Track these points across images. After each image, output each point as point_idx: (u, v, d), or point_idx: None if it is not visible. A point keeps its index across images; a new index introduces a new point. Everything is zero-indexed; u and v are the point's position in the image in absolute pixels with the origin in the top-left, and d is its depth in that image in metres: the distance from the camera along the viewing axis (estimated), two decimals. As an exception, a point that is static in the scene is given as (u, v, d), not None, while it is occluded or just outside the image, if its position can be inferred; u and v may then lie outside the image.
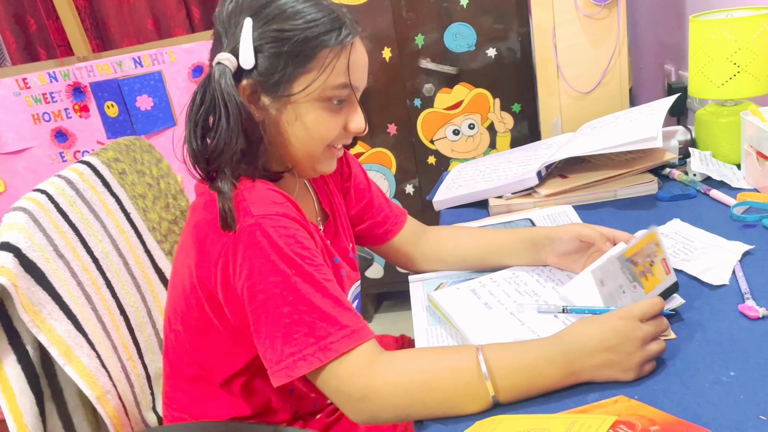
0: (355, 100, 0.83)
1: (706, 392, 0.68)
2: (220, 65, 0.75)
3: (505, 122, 2.10)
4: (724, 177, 1.16)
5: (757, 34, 1.15)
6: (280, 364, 0.71)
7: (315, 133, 0.80)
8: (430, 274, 1.06)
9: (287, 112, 0.79)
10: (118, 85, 2.02)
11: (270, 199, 0.76)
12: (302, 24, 0.76)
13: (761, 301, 0.81)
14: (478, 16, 1.98)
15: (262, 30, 0.76)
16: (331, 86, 0.78)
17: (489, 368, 0.70)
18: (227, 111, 0.74)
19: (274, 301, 0.71)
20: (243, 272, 0.73)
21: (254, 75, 0.77)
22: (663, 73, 1.98)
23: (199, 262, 0.77)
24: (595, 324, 0.71)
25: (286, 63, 0.76)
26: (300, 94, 0.77)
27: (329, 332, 0.71)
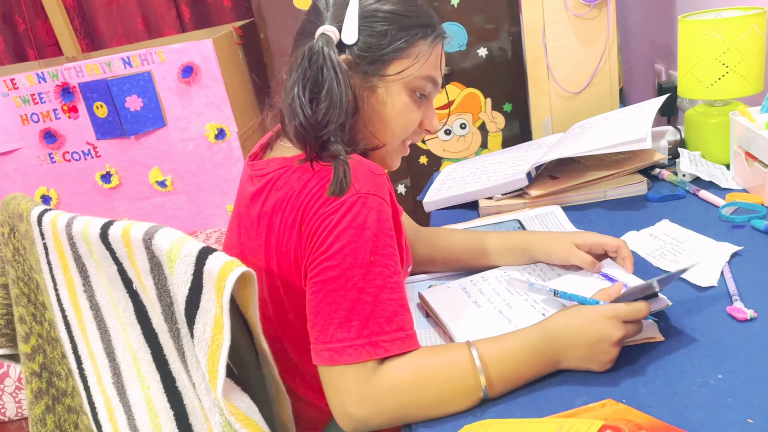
0: (432, 102, 0.88)
1: (694, 395, 0.68)
2: (324, 35, 0.78)
3: (497, 122, 2.09)
4: (713, 177, 1.16)
5: (746, 34, 1.15)
6: (327, 345, 0.71)
7: (402, 118, 0.84)
8: (421, 276, 1.06)
9: (379, 91, 0.82)
10: (107, 85, 2.01)
11: (374, 175, 0.76)
12: (407, 11, 0.81)
13: (749, 302, 0.81)
14: (470, 15, 1.97)
15: (369, 8, 0.80)
16: (421, 76, 0.82)
17: (482, 362, 0.71)
18: (337, 76, 0.76)
19: (343, 282, 0.71)
20: (324, 243, 0.72)
21: (354, 50, 0.80)
22: (653, 72, 1.98)
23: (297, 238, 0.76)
24: (580, 318, 0.73)
25: (387, 44, 0.80)
26: (394, 76, 0.81)
27: (384, 330, 0.71)
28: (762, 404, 0.65)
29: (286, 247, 0.78)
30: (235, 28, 2.21)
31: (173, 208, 2.18)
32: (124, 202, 2.19)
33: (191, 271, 0.68)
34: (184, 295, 0.69)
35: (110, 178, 2.15)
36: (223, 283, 0.65)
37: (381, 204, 0.74)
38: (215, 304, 0.67)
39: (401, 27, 0.80)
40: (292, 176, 0.79)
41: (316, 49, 0.78)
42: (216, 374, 0.67)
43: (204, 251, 0.67)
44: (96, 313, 0.86)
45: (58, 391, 0.97)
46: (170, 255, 0.69)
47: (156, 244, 0.70)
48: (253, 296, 0.69)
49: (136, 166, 2.13)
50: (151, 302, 0.77)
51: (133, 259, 0.74)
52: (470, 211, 1.27)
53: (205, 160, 2.10)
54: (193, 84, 2.01)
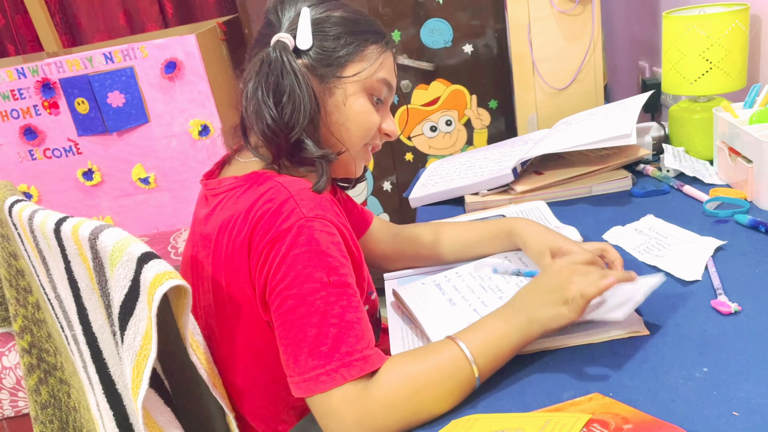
0: (388, 107, 0.90)
1: (680, 388, 0.68)
2: (280, 42, 0.80)
3: (482, 118, 2.10)
4: (697, 173, 1.16)
5: (729, 30, 1.16)
6: (303, 376, 0.69)
7: (361, 120, 0.85)
8: (407, 272, 1.05)
9: (337, 93, 0.83)
10: (89, 81, 1.98)
11: (319, 199, 0.76)
12: (357, 17, 0.85)
13: (733, 296, 0.82)
14: (455, 11, 1.97)
15: (321, 15, 0.83)
16: (377, 78, 0.85)
17: (471, 352, 0.71)
18: (297, 79, 0.79)
19: (306, 309, 0.70)
20: (279, 272, 0.71)
21: (310, 55, 0.82)
22: (637, 69, 1.99)
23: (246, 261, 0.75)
24: (539, 279, 0.78)
25: (340, 47, 0.82)
26: (350, 78, 0.83)
27: (355, 349, 0.70)
28: (747, 397, 0.65)
29: (235, 271, 0.77)
30: (219, 24, 2.19)
31: (157, 206, 2.16)
32: (106, 199, 2.16)
33: (130, 276, 0.67)
34: (119, 299, 0.68)
35: (92, 176, 2.12)
36: (153, 295, 0.64)
37: (329, 226, 0.74)
38: (147, 314, 0.65)
39: (353, 31, 0.83)
40: (239, 197, 0.79)
41: (274, 56, 0.80)
42: (139, 384, 0.66)
43: (145, 256, 0.66)
44: (60, 304, 0.85)
45: (48, 366, 0.98)
46: (112, 257, 0.68)
47: (100, 244, 0.69)
48: (186, 309, 0.68)
49: (119, 163, 2.11)
50: (99, 302, 0.76)
51: (84, 256, 0.73)
52: (456, 207, 1.27)
53: (188, 156, 2.08)
54: (177, 80, 1.99)
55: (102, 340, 0.79)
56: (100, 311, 0.77)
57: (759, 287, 0.83)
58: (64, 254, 0.76)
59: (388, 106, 0.90)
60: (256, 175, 0.81)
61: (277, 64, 0.79)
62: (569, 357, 0.76)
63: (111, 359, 0.79)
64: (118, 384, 0.80)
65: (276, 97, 0.79)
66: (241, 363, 0.83)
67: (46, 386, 0.97)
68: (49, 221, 0.77)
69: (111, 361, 0.79)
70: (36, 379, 0.97)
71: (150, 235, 2.15)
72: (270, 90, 0.79)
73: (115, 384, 0.80)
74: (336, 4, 0.85)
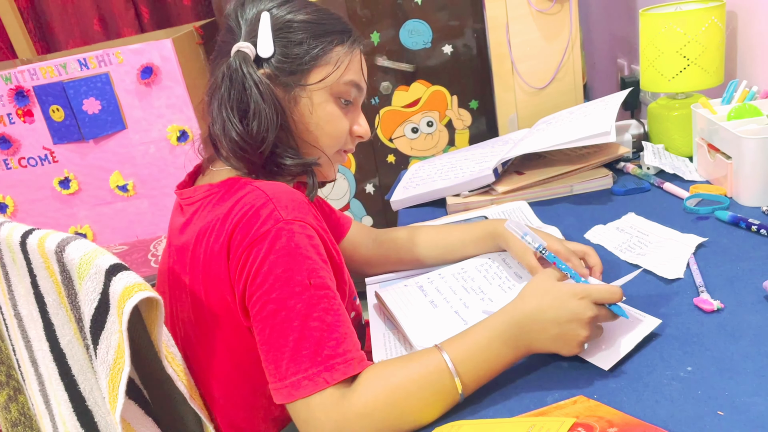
0: (358, 107, 0.88)
1: (664, 389, 0.68)
2: (240, 52, 0.78)
3: (463, 119, 2.09)
4: (677, 170, 1.16)
5: (706, 26, 1.16)
6: (283, 381, 0.68)
7: (330, 127, 0.83)
8: (389, 276, 1.04)
9: (303, 101, 0.81)
10: (63, 88, 1.95)
11: (298, 202, 0.75)
12: (320, 18, 0.81)
13: (715, 293, 0.81)
14: (434, 12, 1.96)
15: (281, 21, 0.80)
16: (344, 82, 0.82)
17: (454, 364, 0.69)
18: (260, 91, 0.76)
19: (286, 314, 0.69)
20: (258, 276, 0.70)
21: (272, 63, 0.80)
22: (616, 67, 2.00)
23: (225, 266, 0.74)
24: (549, 298, 0.71)
25: (304, 52, 0.80)
26: (315, 84, 0.81)
27: (337, 352, 0.68)
28: (731, 396, 0.65)
29: (215, 278, 0.75)
30: (196, 28, 2.17)
31: (136, 213, 2.13)
32: (84, 208, 2.13)
33: (99, 289, 0.65)
34: (90, 313, 0.66)
35: (69, 184, 2.08)
36: (123, 308, 0.62)
37: (308, 229, 0.73)
38: (118, 328, 0.64)
39: (316, 34, 0.80)
40: (216, 204, 0.77)
41: (234, 67, 0.78)
42: (116, 398, 0.64)
43: (113, 268, 0.64)
44: (19, 323, 0.83)
45: (17, 383, 0.95)
46: (80, 270, 0.66)
47: (67, 257, 0.67)
48: (158, 321, 0.66)
49: (96, 171, 2.07)
50: (69, 316, 0.73)
51: (51, 270, 0.71)
52: (438, 208, 1.26)
53: (167, 162, 2.05)
54: (153, 85, 1.96)
55: (71, 356, 0.76)
56: (69, 326, 0.75)
57: (740, 284, 0.82)
58: (30, 268, 0.74)
59: (359, 107, 0.88)
60: (232, 181, 0.79)
61: (238, 77, 0.77)
62: (553, 359, 0.75)
63: (81, 375, 0.76)
64: (88, 400, 0.77)
65: (240, 112, 0.77)
66: (221, 374, 0.82)
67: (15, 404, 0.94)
68: (15, 234, 0.74)
69: (81, 377, 0.76)
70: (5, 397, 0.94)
71: (130, 243, 2.12)
72: (234, 105, 0.77)
73: (86, 401, 0.78)
74: (298, 4, 0.82)
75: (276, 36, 0.79)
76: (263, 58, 0.79)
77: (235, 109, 0.77)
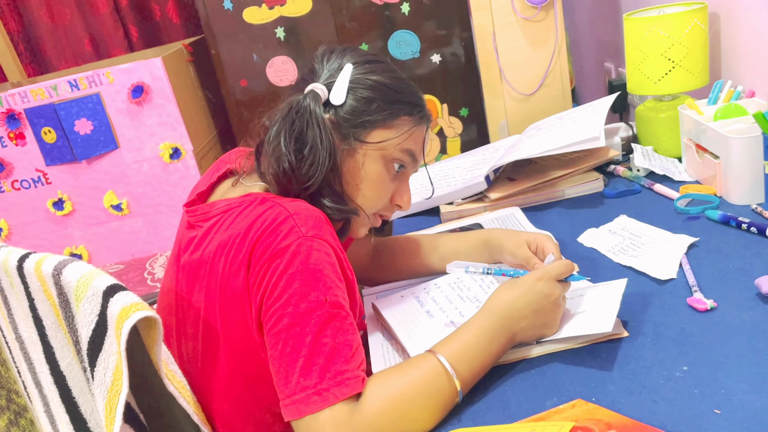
0: (407, 178, 0.90)
1: (661, 389, 0.68)
2: (313, 92, 0.81)
3: (454, 127, 2.10)
4: (667, 171, 1.18)
5: (689, 29, 1.18)
6: (293, 397, 0.68)
7: (374, 188, 0.84)
8: (386, 286, 1.04)
9: (357, 156, 0.83)
10: (55, 110, 1.95)
11: (317, 220, 0.76)
12: (398, 85, 0.84)
13: (708, 293, 0.82)
14: (421, 22, 1.98)
15: (360, 76, 0.83)
16: (401, 149, 0.84)
17: (451, 365, 0.71)
18: (321, 133, 0.79)
19: (300, 328, 0.69)
20: (276, 290, 0.71)
21: (340, 112, 0.82)
22: (603, 71, 2.02)
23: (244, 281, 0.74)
24: (517, 288, 0.77)
25: (371, 111, 0.82)
26: (373, 144, 0.82)
27: (347, 368, 0.69)
28: (728, 394, 0.65)
29: (232, 292, 0.76)
30: (185, 45, 2.18)
31: (131, 232, 2.13)
32: (79, 228, 2.12)
33: (97, 311, 0.65)
34: (87, 336, 0.66)
35: (63, 205, 2.08)
36: (120, 329, 0.62)
37: (326, 247, 0.74)
38: (117, 349, 0.64)
39: (388, 99, 0.83)
40: (236, 218, 0.78)
41: (304, 104, 0.80)
42: (113, 421, 0.64)
43: (111, 289, 0.64)
44: (21, 345, 0.83)
45: (18, 407, 0.95)
46: (77, 292, 0.66)
47: (64, 279, 0.67)
48: (158, 340, 0.67)
49: (90, 191, 2.07)
50: (67, 339, 0.74)
51: (49, 293, 0.71)
52: (432, 217, 1.27)
53: (161, 180, 2.05)
54: (145, 104, 1.97)
55: (71, 378, 0.76)
56: (68, 348, 0.75)
57: (733, 282, 0.83)
58: (28, 291, 0.74)
59: (407, 179, 0.90)
60: (253, 197, 0.80)
61: (305, 113, 0.79)
62: (551, 364, 0.76)
63: (81, 397, 0.76)
64: (90, 422, 0.77)
65: (296, 145, 0.79)
66: (227, 389, 0.82)
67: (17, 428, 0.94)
68: (11, 258, 0.74)
69: (81, 399, 0.77)
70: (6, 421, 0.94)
71: (126, 263, 2.12)
72: (292, 136, 0.79)
73: (87, 422, 0.78)
74: (381, 68, 0.85)
75: (351, 88, 0.82)
76: (333, 105, 0.82)
77: (293, 140, 0.79)
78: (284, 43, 2.01)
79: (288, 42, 2.01)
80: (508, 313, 0.75)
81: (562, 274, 0.79)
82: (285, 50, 2.02)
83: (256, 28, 1.99)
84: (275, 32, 1.99)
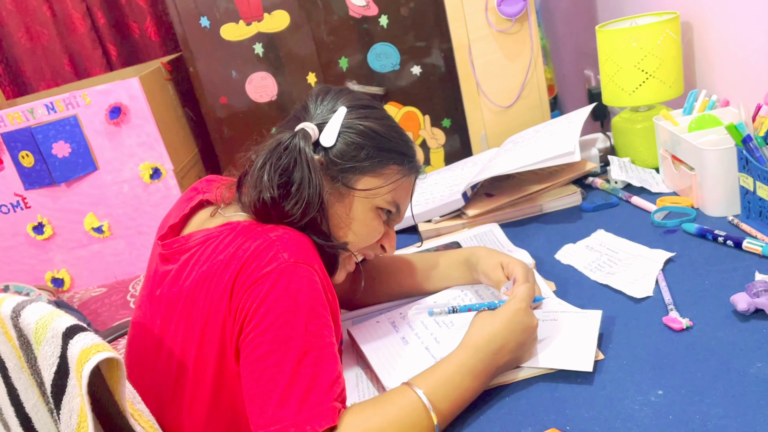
0: (394, 224, 0.89)
1: (636, 415, 0.67)
2: (303, 130, 0.80)
3: (437, 138, 2.10)
4: (644, 182, 1.17)
5: (661, 39, 1.17)
6: (268, 429, 0.67)
7: (360, 233, 0.83)
8: (362, 311, 1.03)
9: (345, 201, 0.82)
10: (32, 133, 1.93)
11: (301, 245, 0.75)
12: (389, 134, 0.83)
13: (684, 310, 0.81)
14: (400, 35, 1.97)
15: (353, 120, 0.81)
16: (387, 200, 0.83)
17: (429, 400, 0.70)
18: (310, 173, 0.77)
19: (279, 357, 0.68)
20: (256, 316, 0.70)
21: (329, 154, 0.81)
22: (583, 79, 2.02)
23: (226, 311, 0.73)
24: (498, 320, 0.76)
25: (361, 157, 0.81)
26: (361, 191, 0.82)
27: (325, 399, 0.67)
28: (703, 420, 0.64)
29: (213, 325, 0.74)
30: (164, 64, 2.16)
31: (113, 254, 2.11)
32: (60, 252, 2.10)
33: (57, 353, 0.63)
34: (50, 378, 0.64)
35: (43, 229, 2.06)
36: (81, 372, 0.61)
37: (311, 272, 0.73)
38: (79, 392, 0.62)
39: (379, 147, 0.82)
40: (216, 248, 0.76)
41: (294, 142, 0.79)
42: None
43: (70, 331, 0.62)
44: None
45: None
46: (37, 334, 0.64)
47: (23, 321, 0.66)
48: (121, 380, 0.65)
49: (70, 214, 2.05)
50: (31, 381, 0.72)
51: (9, 335, 0.69)
52: (411, 235, 1.26)
53: (141, 201, 2.03)
54: (123, 124, 1.95)
55: (37, 420, 0.74)
56: (32, 390, 0.73)
57: (708, 300, 0.82)
58: None
59: (393, 225, 0.89)
60: (233, 225, 0.79)
61: (294, 151, 0.78)
62: (526, 390, 0.75)
63: None
64: None
65: (281, 179, 0.78)
66: (200, 424, 0.80)
67: None
68: None
69: None
70: None
71: (108, 285, 2.10)
72: (277, 170, 0.78)
73: None
74: (376, 114, 0.84)
75: (342, 132, 0.81)
76: (323, 146, 0.81)
77: (277, 174, 0.78)
78: (263, 59, 2.00)
79: (267, 58, 2.00)
80: (491, 349, 0.74)
81: (531, 299, 0.79)
82: (264, 66, 2.01)
83: (234, 45, 1.98)
84: (253, 48, 1.98)
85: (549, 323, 0.82)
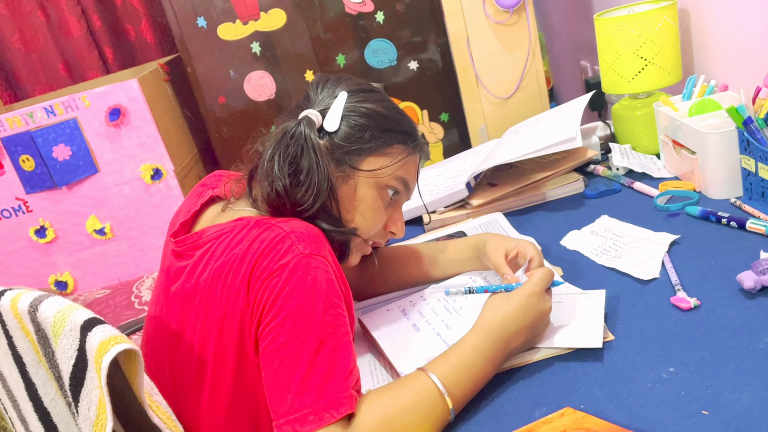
0: (400, 206, 0.90)
1: (648, 392, 0.68)
2: (307, 118, 0.81)
3: (436, 132, 2.11)
4: (646, 168, 1.18)
5: (659, 26, 1.18)
6: (287, 417, 0.68)
7: (368, 214, 0.84)
8: (371, 301, 1.04)
9: (350, 182, 0.83)
10: (32, 137, 1.93)
11: (315, 237, 0.76)
12: (392, 114, 0.85)
13: (691, 290, 0.82)
14: (396, 30, 1.98)
15: (354, 104, 0.83)
16: (394, 177, 0.84)
17: (444, 385, 0.71)
18: (317, 158, 0.79)
19: (297, 347, 0.69)
20: (273, 308, 0.71)
21: (334, 139, 0.82)
22: (580, 69, 2.03)
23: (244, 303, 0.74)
24: (512, 304, 0.77)
25: (365, 139, 0.82)
26: (367, 172, 0.82)
27: (343, 387, 0.69)
28: (715, 394, 0.65)
29: (232, 318, 0.75)
30: (161, 65, 2.17)
31: (116, 256, 2.11)
32: (62, 255, 2.10)
33: (76, 345, 0.64)
34: (68, 371, 0.65)
35: (45, 233, 2.06)
36: (100, 364, 0.61)
37: (325, 264, 0.74)
38: (98, 384, 0.63)
39: (382, 127, 0.83)
40: (231, 242, 0.77)
41: (299, 129, 0.80)
42: None
43: (88, 323, 0.63)
44: (3, 383, 0.82)
45: None
46: (55, 328, 0.65)
47: (41, 315, 0.66)
48: (139, 371, 0.65)
49: (72, 217, 2.06)
50: (49, 375, 0.73)
51: (26, 330, 0.70)
52: (415, 227, 1.27)
53: (143, 202, 2.04)
54: (123, 126, 1.95)
55: (56, 414, 0.75)
56: (50, 384, 0.74)
57: (715, 279, 0.84)
58: (6, 329, 0.73)
59: (400, 207, 0.90)
60: (246, 220, 0.80)
61: (300, 138, 0.80)
62: (539, 372, 0.76)
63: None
64: None
65: (290, 168, 0.79)
66: (219, 416, 0.81)
67: None
68: None
69: None
70: None
71: (112, 287, 2.10)
72: (286, 160, 0.79)
73: None
74: (376, 97, 0.85)
75: (345, 115, 0.82)
76: (327, 131, 0.82)
77: (287, 163, 0.79)
78: (260, 57, 2.00)
79: (264, 56, 2.01)
80: (504, 332, 0.75)
81: (548, 283, 0.80)
82: (261, 65, 2.02)
83: (232, 44, 1.98)
84: (251, 47, 1.99)
85: (555, 306, 0.83)
